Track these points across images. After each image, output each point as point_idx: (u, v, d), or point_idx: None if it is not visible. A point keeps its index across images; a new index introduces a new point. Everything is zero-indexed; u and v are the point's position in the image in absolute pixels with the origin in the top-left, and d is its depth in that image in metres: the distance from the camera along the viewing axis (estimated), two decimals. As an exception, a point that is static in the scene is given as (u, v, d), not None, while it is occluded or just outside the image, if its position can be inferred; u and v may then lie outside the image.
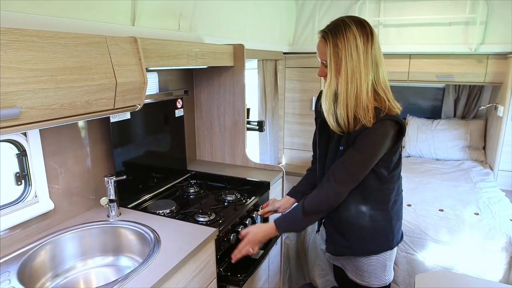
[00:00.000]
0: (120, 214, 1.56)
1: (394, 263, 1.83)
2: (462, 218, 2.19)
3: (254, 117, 2.95)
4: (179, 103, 2.04)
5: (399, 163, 1.43)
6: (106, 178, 1.50)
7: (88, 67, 1.09)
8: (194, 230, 1.43)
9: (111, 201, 1.51)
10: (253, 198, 1.82)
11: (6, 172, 1.31)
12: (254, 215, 1.80)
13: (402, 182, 1.51)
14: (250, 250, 1.48)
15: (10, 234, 1.28)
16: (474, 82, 3.04)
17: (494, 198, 2.47)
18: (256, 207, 1.84)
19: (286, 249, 2.50)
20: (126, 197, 1.68)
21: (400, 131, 1.33)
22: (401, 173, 1.47)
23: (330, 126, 1.35)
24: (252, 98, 3.01)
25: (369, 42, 1.27)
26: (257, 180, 2.00)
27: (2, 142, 1.28)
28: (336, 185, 1.35)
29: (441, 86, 3.51)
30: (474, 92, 3.39)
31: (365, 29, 1.27)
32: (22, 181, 1.34)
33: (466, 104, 3.46)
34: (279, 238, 2.02)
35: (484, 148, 3.30)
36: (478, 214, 2.23)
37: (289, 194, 1.74)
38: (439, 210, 2.29)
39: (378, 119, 1.27)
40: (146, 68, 1.33)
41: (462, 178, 2.85)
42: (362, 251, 1.48)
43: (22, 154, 1.32)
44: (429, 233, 2.16)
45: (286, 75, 3.45)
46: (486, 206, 2.33)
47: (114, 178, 1.51)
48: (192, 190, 1.91)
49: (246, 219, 1.72)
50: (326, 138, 1.46)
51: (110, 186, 1.51)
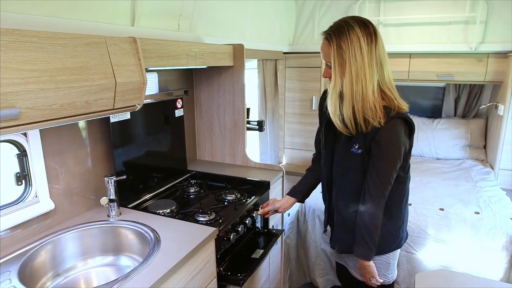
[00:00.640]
0: (120, 214, 1.56)
1: (394, 262, 1.84)
2: (463, 217, 2.19)
3: (254, 117, 2.96)
4: (179, 103, 2.04)
5: (407, 162, 1.42)
6: (106, 178, 1.51)
7: (87, 68, 1.09)
8: (194, 230, 1.44)
9: (111, 201, 1.52)
10: (253, 197, 1.82)
11: (7, 172, 1.31)
12: (254, 215, 1.80)
13: None
14: (373, 281, 1.47)
15: (10, 234, 1.29)
16: (474, 81, 3.04)
17: (495, 197, 2.47)
18: (256, 207, 1.84)
19: (287, 248, 2.51)
20: (126, 197, 1.68)
21: (410, 129, 1.33)
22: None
23: (337, 127, 1.36)
24: (252, 98, 3.02)
25: (373, 42, 1.27)
26: (257, 179, 2.01)
27: (2, 143, 1.28)
28: (375, 200, 1.35)
29: (441, 85, 3.51)
30: (474, 91, 3.39)
31: (368, 29, 1.27)
32: (23, 181, 1.35)
33: (466, 103, 3.46)
34: (279, 237, 2.02)
35: (484, 147, 3.30)
36: (478, 213, 2.23)
37: (289, 194, 1.73)
38: (440, 209, 2.29)
39: (388, 118, 1.27)
40: (146, 68, 1.33)
41: (462, 177, 2.85)
42: (376, 250, 1.46)
43: (23, 154, 1.32)
44: (429, 232, 2.16)
45: (286, 75, 3.45)
46: (487, 205, 2.33)
47: (114, 178, 1.51)
48: (192, 190, 1.92)
49: (246, 219, 1.72)
50: (333, 138, 1.47)
51: (110, 186, 1.51)
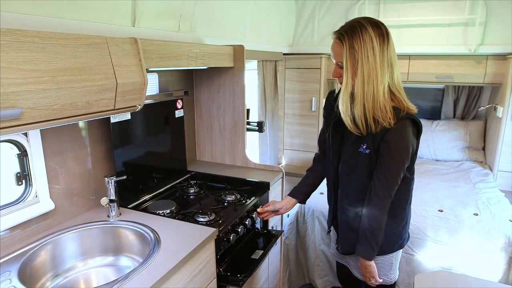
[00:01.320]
0: (120, 214, 1.56)
1: (394, 264, 1.84)
2: (462, 219, 2.20)
3: (254, 117, 2.96)
4: (179, 104, 2.05)
5: (414, 160, 1.43)
6: (106, 178, 1.51)
7: (88, 68, 1.09)
8: (194, 230, 1.44)
9: (112, 201, 1.52)
10: (252, 198, 1.83)
11: (7, 172, 1.31)
12: (254, 216, 1.80)
13: None
14: (372, 281, 1.49)
15: (10, 234, 1.29)
16: (473, 83, 3.05)
17: (494, 198, 2.47)
18: (256, 208, 1.84)
19: (286, 249, 2.51)
20: (126, 197, 1.68)
21: (417, 131, 1.34)
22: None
23: (348, 127, 1.36)
24: (252, 99, 3.02)
25: (385, 43, 1.27)
26: (256, 180, 2.01)
27: (3, 142, 1.28)
28: (382, 202, 1.36)
29: (440, 87, 3.52)
30: (473, 93, 3.40)
31: (380, 30, 1.28)
32: (23, 181, 1.35)
33: (465, 105, 3.47)
34: (279, 238, 2.03)
35: (483, 148, 3.31)
36: (477, 215, 2.23)
37: (290, 195, 1.73)
38: (439, 210, 2.29)
39: (398, 119, 1.28)
40: (147, 69, 1.33)
41: (461, 178, 2.86)
42: (378, 250, 1.47)
43: (23, 154, 1.32)
44: (428, 233, 2.16)
45: (286, 76, 3.46)
46: (486, 207, 2.34)
47: (115, 178, 1.52)
48: (192, 191, 1.92)
49: (246, 220, 1.73)
50: (340, 138, 1.47)
51: (111, 186, 1.51)
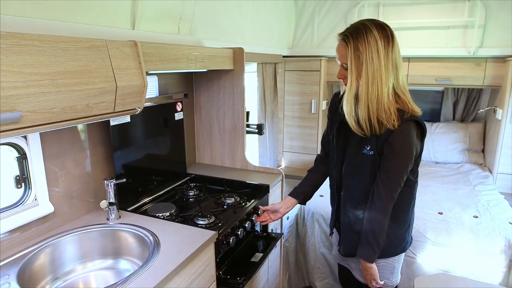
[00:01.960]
0: (119, 217, 1.56)
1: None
2: (461, 221, 2.20)
3: (254, 120, 2.96)
4: (179, 106, 2.05)
5: (418, 162, 1.43)
6: (105, 181, 1.51)
7: (88, 71, 1.09)
8: (194, 233, 1.44)
9: (111, 204, 1.51)
10: (252, 201, 1.82)
11: (6, 175, 1.31)
12: (253, 219, 1.80)
13: None
14: (374, 283, 1.48)
15: (10, 237, 1.28)
16: (472, 85, 3.05)
17: (493, 201, 2.47)
18: (255, 210, 1.84)
19: (286, 252, 2.50)
20: (126, 200, 1.68)
21: (422, 133, 1.34)
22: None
23: (352, 128, 1.36)
24: (251, 101, 3.02)
25: (389, 45, 1.27)
26: (256, 183, 2.01)
27: (2, 145, 1.28)
28: (385, 204, 1.37)
29: (440, 89, 3.53)
30: (473, 95, 3.41)
31: (385, 32, 1.28)
32: (22, 184, 1.35)
33: (465, 107, 3.48)
34: (279, 241, 2.02)
35: (483, 151, 3.32)
36: (477, 217, 2.23)
37: (290, 195, 1.72)
38: (438, 213, 2.29)
39: (402, 121, 1.28)
40: (146, 71, 1.33)
41: (461, 181, 2.86)
42: (381, 253, 1.46)
43: (22, 157, 1.32)
44: (428, 236, 2.16)
45: (285, 78, 3.46)
46: (485, 209, 2.34)
47: (114, 181, 1.51)
48: (191, 193, 1.92)
49: (246, 222, 1.72)
50: (344, 140, 1.47)
51: (110, 189, 1.51)
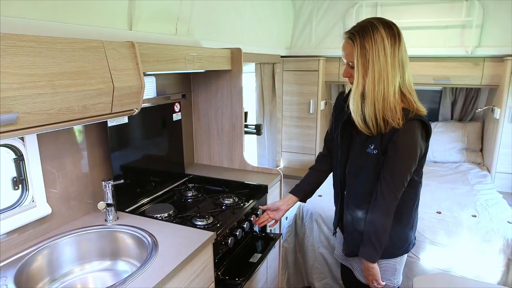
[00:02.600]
0: (117, 218, 1.55)
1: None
2: (460, 220, 2.20)
3: (252, 120, 2.96)
4: (177, 107, 2.04)
5: (423, 162, 1.42)
6: (103, 182, 1.50)
7: (85, 72, 1.09)
8: (192, 234, 1.43)
9: (109, 205, 1.51)
10: (251, 201, 1.82)
11: (3, 177, 1.31)
12: (252, 219, 1.80)
13: None
14: (375, 284, 1.48)
15: (7, 239, 1.28)
16: (470, 84, 3.06)
17: (492, 200, 2.47)
18: (254, 211, 1.84)
19: (285, 252, 2.50)
20: (124, 201, 1.68)
21: (427, 133, 1.34)
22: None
23: (358, 127, 1.35)
24: (250, 102, 3.02)
25: (396, 44, 1.27)
26: (255, 183, 2.01)
27: (-1, 147, 1.28)
28: (388, 204, 1.36)
29: (438, 88, 3.53)
30: (471, 94, 3.42)
31: (392, 30, 1.28)
32: (20, 185, 1.34)
33: (463, 106, 3.48)
34: (277, 241, 2.02)
35: (481, 150, 3.32)
36: (475, 216, 2.23)
37: (291, 192, 1.71)
38: (437, 212, 2.30)
39: (406, 120, 1.27)
40: (144, 72, 1.33)
41: (459, 180, 2.86)
42: (384, 254, 1.46)
43: (19, 159, 1.32)
44: (426, 235, 2.16)
45: (283, 79, 3.46)
46: (484, 208, 2.34)
47: (112, 182, 1.51)
48: (190, 194, 1.91)
49: (244, 223, 1.72)
50: (348, 139, 1.47)
51: (108, 190, 1.50)
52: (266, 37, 2.90)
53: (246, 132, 2.36)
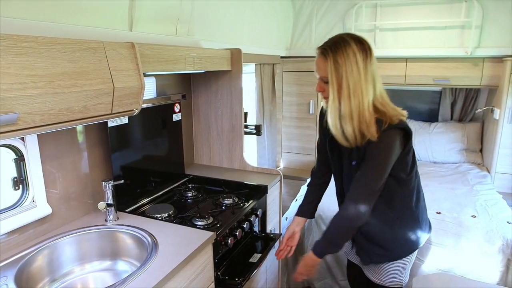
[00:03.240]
0: (117, 218, 1.56)
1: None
2: (459, 221, 2.20)
3: (252, 121, 2.96)
4: (177, 108, 2.05)
5: (415, 163, 1.45)
6: (103, 183, 1.51)
7: (85, 73, 1.09)
8: (192, 234, 1.44)
9: (109, 205, 1.51)
10: (250, 202, 1.82)
11: (4, 177, 1.31)
12: (252, 219, 1.80)
13: None
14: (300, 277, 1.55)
15: (7, 239, 1.28)
16: (470, 85, 3.06)
17: (491, 200, 2.48)
18: (254, 210, 1.84)
19: (284, 252, 2.50)
20: (124, 201, 1.68)
21: (406, 135, 1.35)
22: (417, 171, 1.48)
23: (339, 142, 1.38)
24: (250, 102, 3.03)
25: (367, 58, 1.30)
26: (254, 183, 2.01)
27: (0, 147, 1.28)
28: (357, 206, 1.37)
29: (437, 89, 3.54)
30: (470, 95, 3.42)
31: (363, 46, 1.30)
32: (20, 186, 1.34)
33: (462, 107, 3.49)
34: (277, 241, 2.02)
35: (481, 150, 3.32)
36: (475, 217, 2.24)
37: (298, 214, 1.72)
38: (437, 212, 2.30)
39: (381, 131, 1.30)
40: (144, 73, 1.34)
41: (459, 180, 2.86)
42: (399, 255, 1.51)
43: (20, 159, 1.32)
44: (426, 235, 2.16)
45: (283, 79, 3.47)
46: (483, 209, 2.34)
47: (112, 183, 1.51)
48: (190, 194, 1.92)
49: (244, 223, 1.72)
50: (338, 154, 1.49)
51: (108, 191, 1.51)
52: (266, 37, 2.91)
53: (246, 132, 2.37)
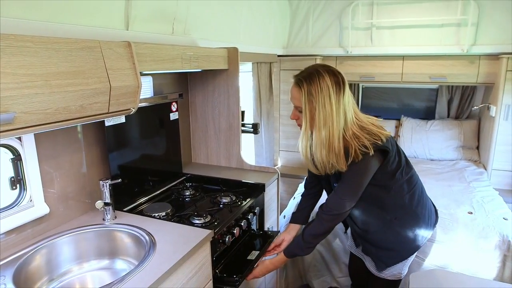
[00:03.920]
0: (115, 217, 1.56)
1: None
2: (456, 217, 2.21)
3: (249, 119, 2.97)
4: (174, 107, 2.05)
5: (401, 165, 1.46)
6: (101, 182, 1.51)
7: (82, 72, 1.10)
8: (190, 232, 1.44)
9: (106, 204, 1.52)
10: (248, 200, 1.83)
11: (1, 176, 1.31)
12: (249, 217, 1.81)
13: None
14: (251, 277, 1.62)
15: (5, 238, 1.28)
16: (466, 82, 3.08)
17: (488, 197, 2.49)
18: (251, 209, 1.85)
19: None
20: (122, 200, 1.68)
21: (383, 152, 1.38)
22: (406, 168, 1.50)
23: (308, 168, 1.47)
24: (247, 101, 3.03)
25: (341, 91, 1.33)
26: (252, 182, 2.01)
27: (-3, 147, 1.28)
28: (331, 214, 1.45)
29: (434, 87, 3.55)
30: (467, 92, 3.43)
31: (337, 78, 1.34)
32: (17, 185, 1.35)
33: (459, 104, 3.50)
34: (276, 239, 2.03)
35: (477, 147, 3.34)
36: (471, 213, 2.25)
37: (292, 222, 1.77)
38: (433, 209, 2.31)
39: (347, 162, 1.35)
40: (140, 72, 1.34)
41: (456, 177, 2.88)
42: (409, 252, 1.56)
43: (17, 159, 1.32)
44: (423, 232, 2.17)
45: (281, 78, 3.47)
46: (480, 205, 2.36)
47: (109, 182, 1.51)
48: (187, 193, 1.92)
49: (242, 221, 1.73)
50: (325, 176, 1.52)
51: (105, 190, 1.51)
52: (263, 36, 2.91)
53: (243, 131, 2.37)
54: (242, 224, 1.72)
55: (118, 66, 1.23)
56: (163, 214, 1.63)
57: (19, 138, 1.30)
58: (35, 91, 0.96)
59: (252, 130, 2.46)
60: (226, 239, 1.57)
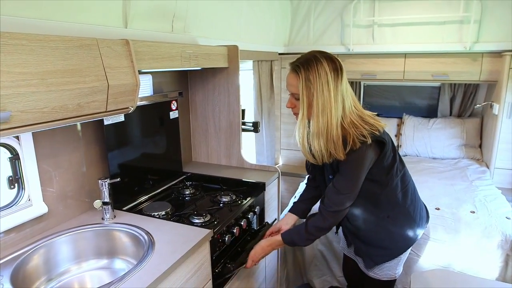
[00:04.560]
0: (114, 216, 1.55)
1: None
2: (458, 217, 2.20)
3: (250, 118, 2.95)
4: (174, 105, 2.04)
5: (395, 162, 1.45)
6: (100, 181, 1.50)
7: (79, 70, 1.08)
8: (189, 232, 1.43)
9: (105, 203, 1.51)
10: (248, 199, 1.82)
11: (-1, 176, 1.31)
12: (249, 216, 1.79)
13: None
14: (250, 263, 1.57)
15: (3, 238, 1.28)
16: (469, 80, 3.06)
17: (490, 196, 2.47)
18: (251, 208, 1.83)
19: (283, 249, 2.50)
20: (121, 199, 1.68)
21: (380, 144, 1.36)
22: (399, 165, 1.49)
23: (305, 158, 1.42)
24: (248, 99, 3.02)
25: (338, 78, 1.31)
26: (252, 181, 2.00)
27: (-5, 146, 1.28)
28: (332, 210, 1.42)
29: (436, 85, 3.52)
30: (469, 90, 3.40)
31: (335, 64, 1.32)
32: (15, 184, 1.34)
33: (461, 102, 3.47)
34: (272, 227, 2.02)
35: (480, 146, 3.31)
36: (474, 212, 2.23)
37: (290, 211, 1.75)
38: (436, 208, 2.29)
39: (345, 151, 1.32)
40: (139, 70, 1.33)
41: (458, 176, 2.86)
42: (399, 251, 1.53)
43: (15, 158, 1.31)
44: (425, 231, 2.16)
45: (281, 76, 3.46)
46: (482, 204, 2.34)
47: (108, 181, 1.51)
48: (187, 192, 1.91)
49: (241, 220, 1.72)
50: (320, 167, 1.51)
51: (104, 189, 1.50)
52: (263, 34, 2.90)
53: (244, 129, 2.36)
54: (242, 223, 1.71)
55: (116, 64, 1.22)
56: (163, 213, 1.62)
57: (17, 137, 1.29)
58: (31, 90, 0.95)
59: (252, 128, 2.45)
60: (226, 239, 1.56)
